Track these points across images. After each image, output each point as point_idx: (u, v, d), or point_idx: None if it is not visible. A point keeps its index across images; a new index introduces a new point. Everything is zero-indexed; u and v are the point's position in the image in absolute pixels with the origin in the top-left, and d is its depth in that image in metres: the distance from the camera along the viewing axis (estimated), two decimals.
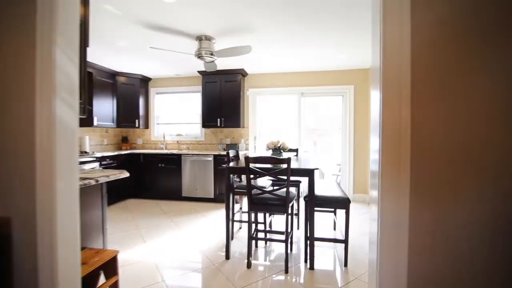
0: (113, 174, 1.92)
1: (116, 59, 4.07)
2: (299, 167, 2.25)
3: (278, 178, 2.21)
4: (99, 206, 1.99)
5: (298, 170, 2.24)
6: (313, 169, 2.19)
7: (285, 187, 2.16)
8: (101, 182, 1.75)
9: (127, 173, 2.08)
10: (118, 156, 4.48)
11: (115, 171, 2.10)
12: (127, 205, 4.41)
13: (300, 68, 4.53)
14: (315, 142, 6.42)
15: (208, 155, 4.47)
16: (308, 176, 2.21)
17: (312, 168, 2.20)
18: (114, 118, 4.79)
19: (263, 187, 2.72)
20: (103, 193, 2.08)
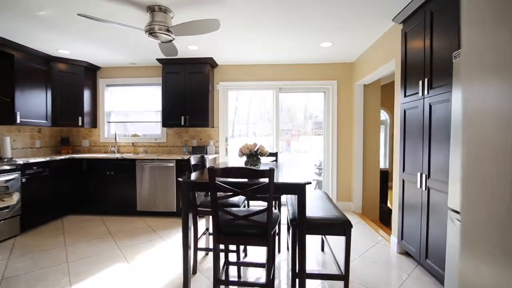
0: None
1: (46, 39, 3.15)
2: (285, 182, 1.64)
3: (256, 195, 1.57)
4: None
5: (284, 185, 1.62)
6: (304, 184, 1.59)
7: (265, 210, 1.53)
8: None
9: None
10: (51, 163, 3.53)
11: None
12: (63, 224, 3.48)
13: (278, 59, 3.95)
14: (289, 142, 5.96)
15: (169, 160, 3.70)
16: (297, 193, 1.61)
17: (303, 183, 1.60)
18: (48, 114, 3.81)
19: (234, 205, 2.07)
20: None
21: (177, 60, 3.90)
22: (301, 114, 6.09)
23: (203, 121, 3.94)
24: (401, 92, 2.51)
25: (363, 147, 3.98)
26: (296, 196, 1.67)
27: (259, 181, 1.65)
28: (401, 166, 2.52)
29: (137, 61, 4.10)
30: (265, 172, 1.47)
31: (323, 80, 4.13)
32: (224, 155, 4.28)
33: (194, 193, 1.93)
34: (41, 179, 3.38)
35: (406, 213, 2.44)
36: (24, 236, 3.05)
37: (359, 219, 3.65)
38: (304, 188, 1.59)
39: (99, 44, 3.34)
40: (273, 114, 4.29)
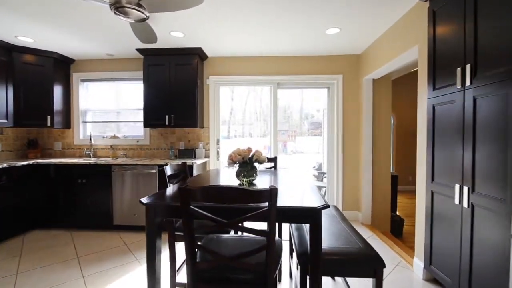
0: None
1: (2, 22, 2.62)
2: (293, 206, 1.15)
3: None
4: None
5: (291, 211, 1.14)
6: (319, 208, 1.11)
7: (263, 248, 1.04)
8: None
9: None
10: (10, 170, 2.98)
11: None
12: (23, 242, 2.94)
13: (277, 50, 3.47)
14: (285, 143, 5.53)
15: (151, 166, 3.19)
16: (310, 221, 1.12)
17: (318, 207, 1.11)
18: (9, 113, 3.27)
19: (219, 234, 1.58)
20: None
21: (160, 50, 3.39)
22: (297, 114, 5.64)
23: (191, 121, 3.44)
24: (428, 84, 2.05)
25: (373, 150, 3.52)
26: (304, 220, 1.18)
27: (255, 205, 1.15)
28: (428, 174, 2.05)
29: (115, 52, 3.57)
30: (264, 193, 0.98)
31: (326, 75, 3.66)
32: (215, 159, 3.78)
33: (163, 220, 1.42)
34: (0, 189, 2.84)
35: (436, 233, 1.98)
36: None
37: (370, 233, 3.18)
38: (319, 215, 1.11)
39: (67, 30, 2.82)
40: (271, 112, 3.80)
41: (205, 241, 1.37)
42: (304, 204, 1.18)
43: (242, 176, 1.59)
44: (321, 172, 4.86)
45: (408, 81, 5.73)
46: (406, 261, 2.45)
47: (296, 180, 1.93)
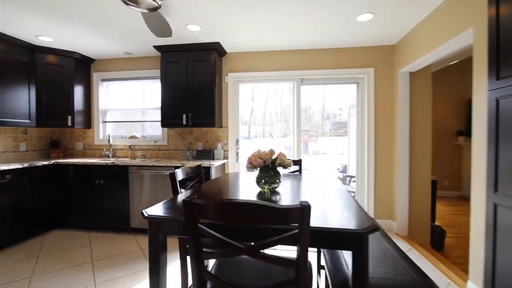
0: None
1: (16, 19, 2.59)
2: (330, 227, 0.89)
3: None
4: None
5: (328, 234, 0.88)
6: (365, 232, 0.83)
7: (291, 284, 0.80)
8: None
9: None
10: (31, 170, 2.98)
11: None
12: (43, 243, 2.92)
13: (301, 43, 3.19)
14: (306, 144, 5.22)
15: (167, 168, 3.05)
16: (353, 248, 0.86)
17: (364, 230, 0.84)
18: (32, 113, 3.29)
19: None
20: None
21: (177, 47, 3.25)
22: (319, 115, 5.33)
23: (209, 120, 3.26)
24: (489, 73, 1.68)
25: (410, 151, 3.12)
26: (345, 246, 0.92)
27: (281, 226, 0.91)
28: (490, 183, 1.68)
29: (133, 50, 3.49)
30: (294, 212, 0.74)
31: (356, 68, 3.32)
32: (234, 160, 3.58)
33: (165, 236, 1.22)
34: (17, 190, 2.84)
35: (502, 253, 1.61)
36: None
37: (408, 245, 2.81)
38: (365, 241, 0.84)
39: (85, 28, 2.75)
40: (293, 110, 3.53)
41: (217, 262, 1.15)
42: (344, 224, 0.91)
43: (264, 182, 1.36)
44: (347, 175, 4.49)
45: (444, 75, 5.18)
46: (456, 283, 2.08)
47: (326, 187, 1.65)
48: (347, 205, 1.19)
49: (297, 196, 1.42)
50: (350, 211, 1.07)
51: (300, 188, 1.62)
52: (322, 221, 0.96)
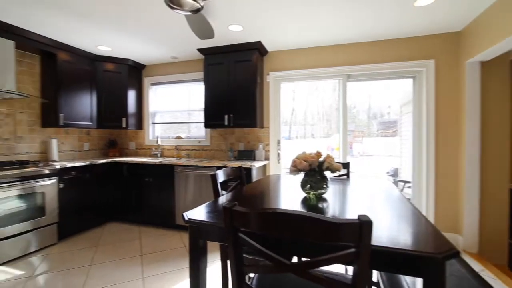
0: None
1: (80, 31, 2.89)
2: (393, 247, 0.74)
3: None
4: None
5: (390, 254, 0.74)
6: (442, 257, 0.67)
7: None
8: None
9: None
10: (91, 167, 3.31)
11: None
12: (103, 232, 3.22)
13: (348, 36, 2.97)
14: (351, 145, 4.88)
15: (210, 168, 3.11)
16: (425, 275, 0.70)
17: (441, 254, 0.68)
18: (93, 116, 3.65)
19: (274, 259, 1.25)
20: None
21: (219, 48, 3.29)
22: (364, 114, 4.95)
23: (250, 121, 3.24)
24: None
25: (481, 155, 2.67)
26: None
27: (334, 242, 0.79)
28: None
29: (179, 54, 3.65)
30: (350, 228, 0.62)
31: (412, 61, 2.97)
32: (275, 161, 3.50)
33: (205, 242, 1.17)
34: (81, 185, 3.17)
35: None
36: (60, 246, 2.84)
37: (480, 266, 2.39)
38: (442, 268, 0.68)
39: (136, 36, 2.95)
40: (339, 109, 3.31)
41: (259, 277, 1.07)
42: (412, 244, 0.76)
43: (309, 188, 1.24)
44: (400, 180, 4.07)
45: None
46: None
47: (381, 195, 1.47)
48: (412, 219, 1.01)
49: (347, 204, 1.27)
50: (418, 228, 0.90)
51: (350, 195, 1.46)
52: (383, 238, 0.81)
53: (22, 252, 2.58)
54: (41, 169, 2.74)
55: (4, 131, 2.94)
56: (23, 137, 3.12)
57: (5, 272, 2.29)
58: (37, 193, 2.71)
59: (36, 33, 2.89)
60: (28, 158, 3.14)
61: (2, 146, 2.92)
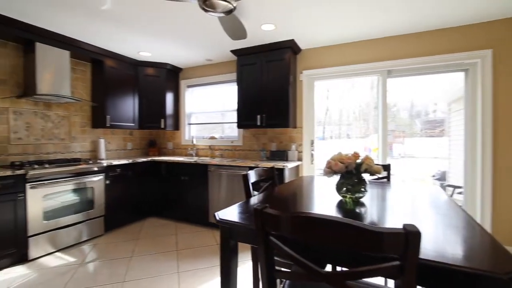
0: None
1: (123, 39, 3.11)
2: (444, 263, 0.65)
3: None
4: None
5: (440, 270, 0.65)
6: (506, 279, 0.57)
7: None
8: None
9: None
10: (134, 165, 3.55)
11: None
12: (143, 227, 3.43)
13: (388, 28, 2.77)
14: (391, 145, 4.53)
15: (242, 168, 3.13)
16: None
17: (506, 275, 0.58)
18: (135, 117, 3.92)
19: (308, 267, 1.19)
20: None
21: (251, 49, 3.30)
22: (406, 112, 4.59)
23: (283, 121, 3.19)
24: None
25: None
26: None
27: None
28: None
29: (213, 56, 3.74)
30: (394, 238, 0.55)
31: (464, 52, 2.66)
32: (308, 162, 3.40)
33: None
34: (124, 181, 3.42)
35: None
36: (106, 237, 3.09)
37: None
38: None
39: (174, 41, 3.10)
40: (378, 107, 3.11)
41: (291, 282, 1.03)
42: (467, 260, 0.66)
43: (345, 191, 1.17)
44: (448, 185, 3.69)
45: None
46: None
47: (427, 201, 1.33)
48: (465, 229, 0.89)
49: (387, 210, 1.17)
50: (473, 239, 0.79)
51: (391, 200, 1.35)
52: (429, 251, 0.72)
53: (75, 241, 2.85)
54: (91, 166, 3.01)
55: (60, 132, 3.28)
56: (76, 137, 3.46)
57: (60, 258, 2.55)
58: (88, 188, 2.98)
59: (87, 43, 3.18)
60: (80, 156, 3.47)
61: (59, 145, 3.27)
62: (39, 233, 2.55)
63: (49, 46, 2.86)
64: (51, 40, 2.88)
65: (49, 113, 3.16)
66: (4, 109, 2.78)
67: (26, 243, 2.45)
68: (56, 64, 2.92)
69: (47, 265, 2.41)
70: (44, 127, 3.12)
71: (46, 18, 2.53)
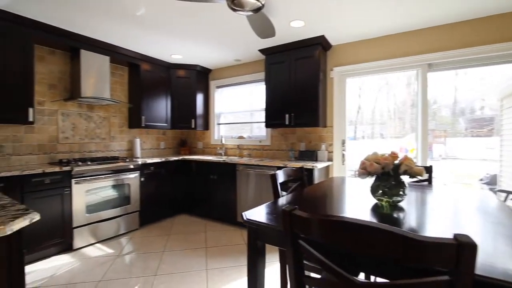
0: None
1: (156, 42, 3.26)
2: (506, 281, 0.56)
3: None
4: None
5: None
6: None
7: None
8: None
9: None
10: (166, 164, 3.70)
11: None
12: (174, 223, 3.56)
13: (428, 19, 2.56)
14: (430, 146, 4.16)
15: (270, 168, 3.10)
16: None
17: None
18: (168, 118, 4.09)
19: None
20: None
21: (280, 47, 3.26)
22: (448, 110, 4.19)
23: (312, 120, 3.10)
24: None
25: None
26: None
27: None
28: None
29: (241, 56, 3.77)
30: (443, 249, 0.49)
31: None
32: (339, 163, 3.27)
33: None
34: (157, 179, 3.58)
35: None
36: (141, 231, 3.25)
37: None
38: None
39: (203, 43, 3.17)
40: (418, 104, 2.88)
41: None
42: None
43: (381, 194, 1.08)
44: (501, 190, 3.30)
45: None
46: None
47: (475, 207, 1.18)
48: None
49: (428, 216, 1.06)
50: None
51: (433, 205, 1.22)
52: (478, 263, 0.63)
53: (114, 234, 3.05)
54: (127, 164, 3.20)
55: (102, 132, 3.53)
56: (115, 137, 3.70)
57: (100, 249, 2.74)
58: (125, 185, 3.17)
59: (125, 48, 3.38)
60: (118, 155, 3.71)
61: (100, 144, 3.53)
62: (82, 225, 2.76)
63: (92, 52, 3.09)
64: (94, 47, 3.11)
65: (91, 115, 3.42)
66: (54, 111, 3.06)
67: (71, 234, 2.67)
68: (98, 69, 3.15)
69: (89, 255, 2.61)
70: (87, 127, 3.38)
71: (90, 27, 2.74)
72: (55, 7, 2.33)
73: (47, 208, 2.49)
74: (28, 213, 0.92)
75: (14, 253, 0.93)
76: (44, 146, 2.99)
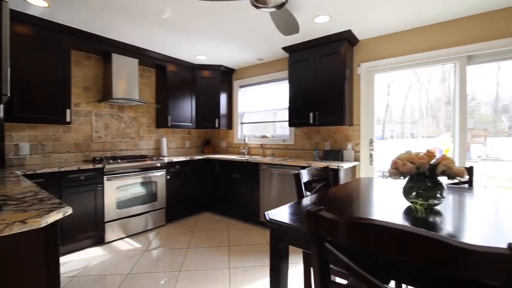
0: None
1: (181, 42, 3.34)
2: None
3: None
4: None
5: None
6: None
7: None
8: None
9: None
10: (191, 162, 3.79)
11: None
12: (198, 221, 3.63)
13: (469, 8, 2.35)
14: (468, 146, 3.81)
15: (294, 167, 3.04)
16: None
17: None
18: (193, 117, 4.18)
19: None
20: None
21: (303, 44, 3.18)
22: (488, 107, 3.82)
23: (337, 118, 3.00)
24: None
25: None
26: None
27: None
28: None
29: (264, 55, 3.74)
30: (495, 259, 0.42)
31: None
32: (367, 163, 3.12)
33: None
34: (183, 177, 3.68)
35: None
36: (167, 227, 3.36)
37: None
38: None
39: (227, 43, 3.20)
40: (455, 100, 2.66)
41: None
42: None
43: (415, 196, 1.00)
44: None
45: None
46: None
47: None
48: None
49: (467, 221, 0.96)
50: None
51: (474, 210, 1.11)
52: None
53: (142, 229, 3.18)
54: (155, 162, 3.32)
55: (131, 131, 3.70)
56: (143, 136, 3.85)
57: (129, 243, 2.87)
58: (152, 182, 3.29)
59: (152, 50, 3.51)
60: (146, 153, 3.86)
61: (130, 143, 3.69)
62: (113, 220, 2.91)
63: (122, 56, 3.25)
64: (124, 51, 3.26)
65: (122, 115, 3.60)
66: (88, 112, 3.26)
67: (103, 228, 2.82)
68: (127, 71, 3.30)
69: (119, 249, 2.74)
70: (118, 127, 3.56)
71: (121, 31, 2.88)
72: (93, 15, 2.48)
73: (82, 202, 2.66)
74: (62, 207, 0.97)
75: (50, 245, 0.98)
76: (79, 145, 3.19)
